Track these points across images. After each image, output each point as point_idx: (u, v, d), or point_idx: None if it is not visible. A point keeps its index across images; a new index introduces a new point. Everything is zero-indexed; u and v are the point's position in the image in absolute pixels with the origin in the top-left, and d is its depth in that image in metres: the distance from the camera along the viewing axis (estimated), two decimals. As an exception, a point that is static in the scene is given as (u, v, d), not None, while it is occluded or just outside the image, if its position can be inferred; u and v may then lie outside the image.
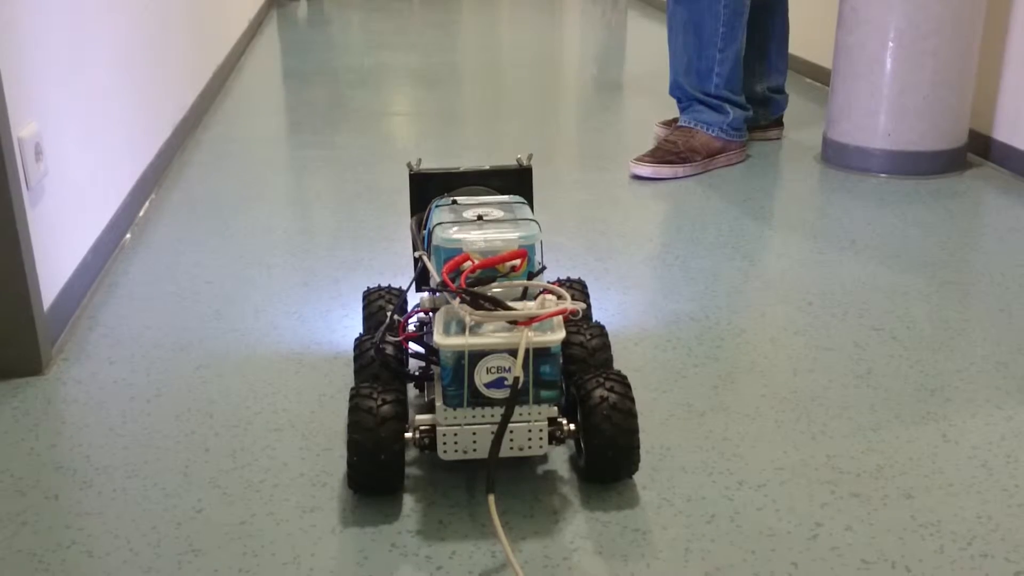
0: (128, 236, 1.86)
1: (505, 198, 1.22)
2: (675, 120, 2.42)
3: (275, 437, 1.18)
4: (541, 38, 4.21)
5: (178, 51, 2.53)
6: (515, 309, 1.01)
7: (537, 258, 1.10)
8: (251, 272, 1.70)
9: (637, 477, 1.09)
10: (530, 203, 1.24)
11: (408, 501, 1.05)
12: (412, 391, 1.26)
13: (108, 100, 1.82)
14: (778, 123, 2.51)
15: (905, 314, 1.50)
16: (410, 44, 4.06)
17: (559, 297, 1.03)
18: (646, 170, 2.21)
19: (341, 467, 1.12)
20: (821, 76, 3.05)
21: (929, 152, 2.13)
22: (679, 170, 2.22)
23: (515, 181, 1.27)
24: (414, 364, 1.22)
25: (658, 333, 1.46)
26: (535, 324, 1.00)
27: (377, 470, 1.03)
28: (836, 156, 2.24)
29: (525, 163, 1.27)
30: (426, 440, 1.06)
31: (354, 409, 1.03)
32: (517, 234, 1.09)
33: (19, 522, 1.02)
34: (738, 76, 2.26)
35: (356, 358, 1.16)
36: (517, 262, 1.07)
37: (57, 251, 1.48)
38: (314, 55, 3.82)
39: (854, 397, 1.26)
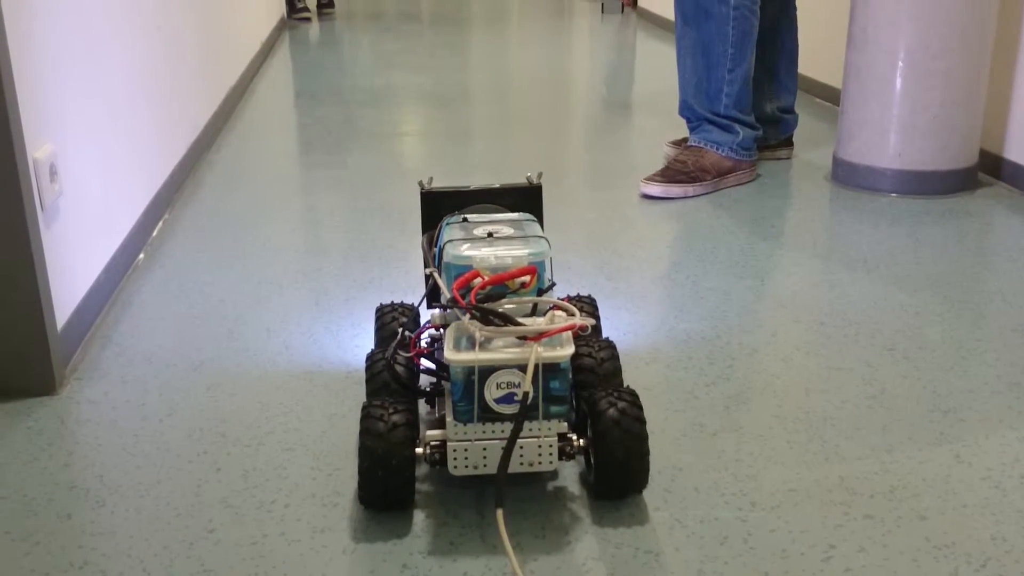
0: (141, 256, 1.87)
1: (515, 216, 1.23)
2: (685, 140, 2.43)
3: (287, 457, 1.18)
4: (550, 58, 4.23)
5: (191, 72, 2.55)
6: (525, 325, 1.01)
7: (547, 275, 1.11)
8: (263, 291, 1.71)
9: (649, 498, 1.09)
10: (540, 221, 1.25)
11: (418, 519, 1.05)
12: (423, 409, 1.27)
13: (122, 121, 1.84)
14: (788, 143, 2.51)
15: (917, 334, 1.50)
16: (420, 64, 4.08)
17: (568, 313, 1.03)
18: (656, 189, 2.22)
19: (352, 487, 1.12)
20: (831, 96, 3.06)
21: (940, 172, 2.13)
22: (689, 189, 2.22)
23: (525, 199, 1.29)
24: (425, 380, 1.22)
25: (669, 352, 1.46)
26: (544, 340, 1.00)
27: (387, 481, 1.03)
28: (846, 176, 2.24)
29: (535, 181, 1.28)
30: (436, 456, 1.06)
31: (365, 418, 1.04)
32: (527, 251, 1.09)
33: (32, 542, 1.03)
34: (747, 96, 2.26)
35: (368, 373, 1.16)
36: (527, 278, 1.06)
37: (71, 271, 1.49)
38: (325, 75, 3.84)
39: (867, 418, 1.25)
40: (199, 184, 2.35)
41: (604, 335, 1.47)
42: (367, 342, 1.50)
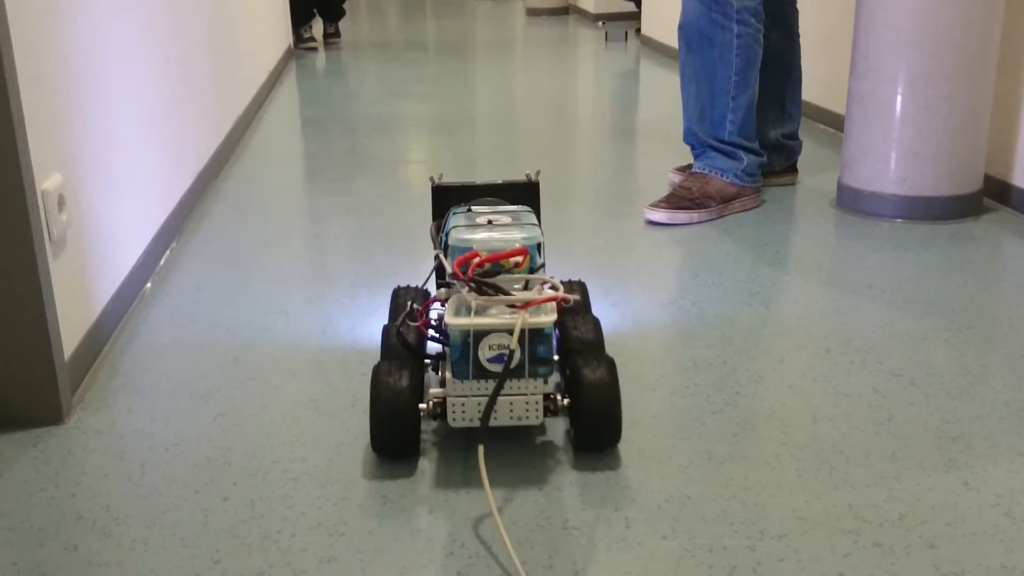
0: (149, 285, 1.88)
1: (514, 207, 1.39)
2: (689, 166, 2.44)
3: (293, 486, 1.18)
4: (555, 85, 4.26)
5: (200, 102, 2.57)
6: (514, 296, 1.18)
7: (538, 257, 1.27)
8: (269, 320, 1.71)
9: (659, 526, 1.08)
10: (537, 212, 1.41)
11: (423, 541, 1.05)
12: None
13: (130, 151, 1.85)
14: (792, 169, 2.52)
15: (924, 360, 1.50)
16: (426, 93, 4.11)
17: (553, 288, 1.20)
18: (661, 216, 2.22)
19: (359, 517, 1.12)
20: (835, 122, 3.07)
21: (944, 197, 2.13)
22: (694, 216, 2.23)
23: (524, 193, 1.47)
24: (431, 350, 1.37)
25: (676, 379, 1.45)
26: (531, 308, 1.17)
27: (395, 431, 1.19)
28: (851, 201, 2.24)
29: (533, 178, 1.47)
30: (438, 410, 1.22)
31: (376, 377, 1.20)
32: (521, 235, 1.27)
33: (39, 573, 1.02)
34: (751, 123, 2.27)
35: (382, 340, 1.34)
36: (520, 258, 1.23)
37: (79, 301, 1.49)
38: (332, 104, 3.87)
39: (875, 444, 1.25)
40: (206, 212, 2.37)
41: (611, 362, 1.48)
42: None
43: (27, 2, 1.35)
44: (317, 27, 5.74)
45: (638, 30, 5.73)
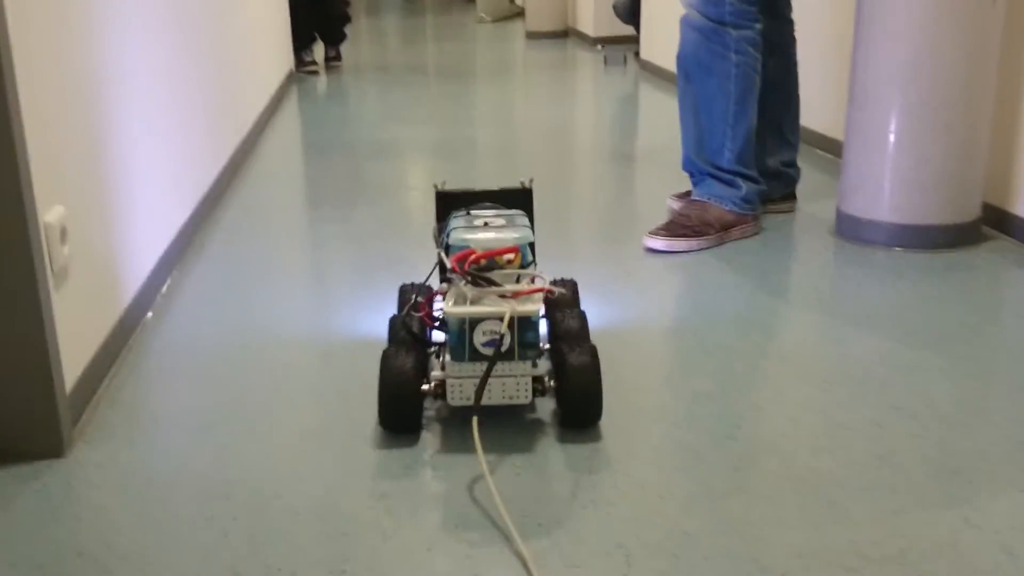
0: (150, 315, 1.88)
1: (509, 211, 1.56)
2: (688, 193, 2.45)
3: (293, 521, 1.18)
4: (555, 110, 4.28)
5: (202, 129, 2.58)
6: (505, 287, 1.35)
7: (529, 256, 1.44)
8: (270, 350, 1.72)
9: (660, 565, 1.08)
10: (531, 216, 1.60)
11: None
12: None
13: (132, 181, 1.86)
14: (791, 196, 2.53)
15: (924, 392, 1.50)
16: (426, 117, 4.13)
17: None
18: (660, 244, 2.23)
19: (360, 553, 1.12)
20: (833, 148, 3.09)
21: (943, 226, 2.14)
22: (693, 243, 2.24)
23: (519, 199, 1.63)
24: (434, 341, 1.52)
25: (676, 411, 1.46)
26: (520, 298, 1.33)
27: (400, 408, 1.35)
28: (850, 229, 2.25)
29: (527, 185, 1.64)
30: (439, 390, 1.37)
31: (384, 360, 1.36)
32: (513, 235, 1.43)
33: (38, 611, 1.02)
34: (750, 151, 2.29)
35: (389, 329, 1.51)
36: (512, 256, 1.40)
37: (80, 332, 1.50)
38: (332, 128, 3.89)
39: (875, 479, 1.25)
40: (207, 239, 2.37)
41: (612, 392, 1.49)
42: (374, 403, 1.50)
43: (31, 33, 1.37)
44: (318, 50, 5.77)
45: (637, 53, 5.76)
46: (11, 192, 1.26)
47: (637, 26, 5.71)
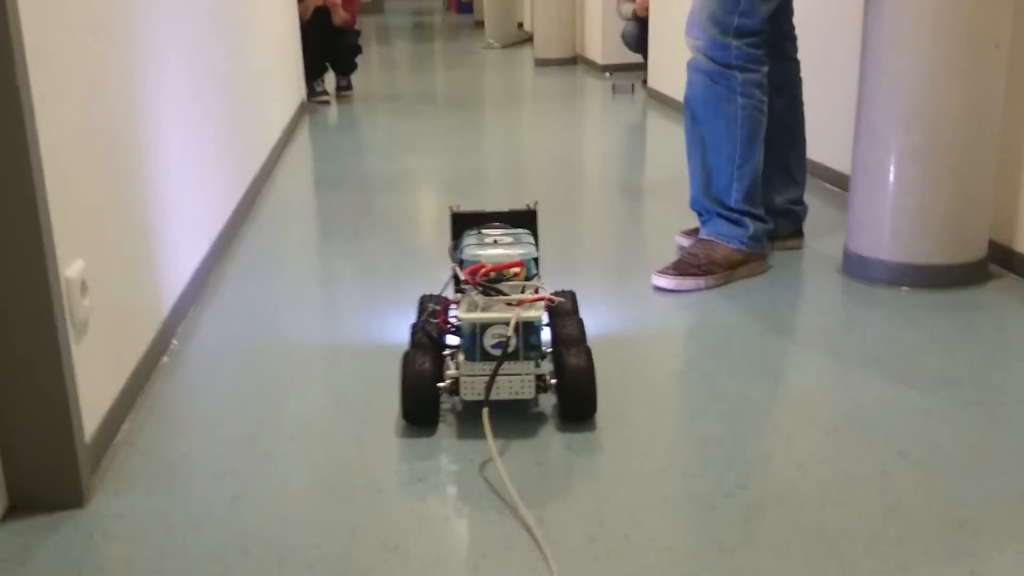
0: (165, 359, 1.91)
1: (515, 230, 1.79)
2: (696, 230, 2.47)
3: (308, 574, 1.20)
4: (563, 140, 4.31)
5: (219, 170, 2.62)
6: (511, 296, 1.56)
7: (533, 269, 1.67)
8: (285, 392, 1.74)
9: (668, 619, 1.10)
10: (535, 234, 1.81)
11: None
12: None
13: (150, 227, 1.90)
14: (798, 233, 2.55)
15: (930, 438, 1.51)
16: (436, 148, 4.17)
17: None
18: (669, 282, 2.25)
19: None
20: (842, 182, 3.11)
21: (950, 265, 2.16)
22: (701, 282, 2.26)
23: (525, 219, 1.84)
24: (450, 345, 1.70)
25: (686, 458, 1.47)
26: (524, 306, 1.54)
27: (419, 403, 1.55)
28: (857, 268, 2.27)
29: (532, 207, 1.84)
30: (454, 387, 1.56)
31: (405, 360, 1.56)
32: (519, 251, 1.67)
33: (61, 668, 1.04)
34: (757, 190, 2.31)
35: (410, 335, 1.68)
36: (517, 269, 1.63)
37: (99, 381, 1.52)
38: (344, 160, 3.93)
39: (882, 531, 1.26)
40: (221, 277, 2.40)
41: (619, 444, 1.53)
42: (390, 446, 1.53)
43: (52, 85, 1.40)
44: (329, 80, 5.83)
45: (644, 81, 5.80)
46: (33, 248, 1.30)
47: (645, 54, 5.75)
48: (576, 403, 1.57)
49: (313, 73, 5.60)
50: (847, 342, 1.91)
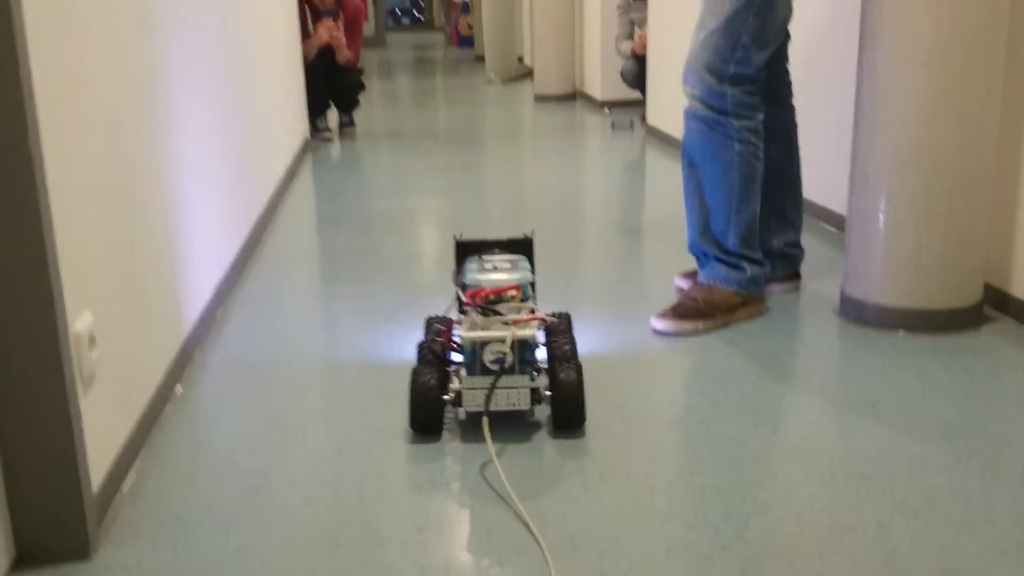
0: (168, 406, 1.93)
1: (513, 256, 1.99)
2: (694, 272, 2.50)
3: (313, 628, 1.22)
4: (563, 177, 4.36)
5: (222, 215, 2.65)
6: (508, 317, 1.75)
7: (529, 293, 1.85)
8: (287, 440, 1.76)
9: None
10: (531, 260, 2.00)
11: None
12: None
13: (155, 274, 1.92)
14: (795, 275, 2.58)
15: (927, 487, 1.53)
16: (438, 186, 4.21)
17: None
18: (667, 326, 2.28)
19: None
20: (837, 222, 3.14)
21: (945, 310, 2.18)
22: (700, 325, 2.28)
23: (522, 246, 2.04)
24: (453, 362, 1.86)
25: (685, 509, 1.49)
26: (520, 325, 1.72)
27: (426, 414, 1.72)
28: (854, 311, 2.29)
29: (529, 236, 2.04)
30: (456, 398, 1.72)
31: (413, 375, 1.73)
32: (516, 276, 1.87)
33: None
34: (754, 235, 2.34)
35: (417, 353, 1.83)
36: (514, 292, 1.82)
37: (106, 431, 1.54)
38: (347, 199, 3.97)
39: (879, 583, 1.28)
40: (225, 322, 2.43)
41: (623, 492, 1.55)
42: (391, 497, 1.54)
43: (60, 137, 1.43)
44: (332, 117, 5.89)
45: (643, 118, 5.86)
46: (43, 303, 1.32)
47: (643, 91, 5.82)
48: (567, 414, 1.73)
49: (316, 110, 5.66)
50: (844, 388, 1.93)
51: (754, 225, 2.34)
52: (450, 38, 15.52)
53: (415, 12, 26.93)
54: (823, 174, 3.16)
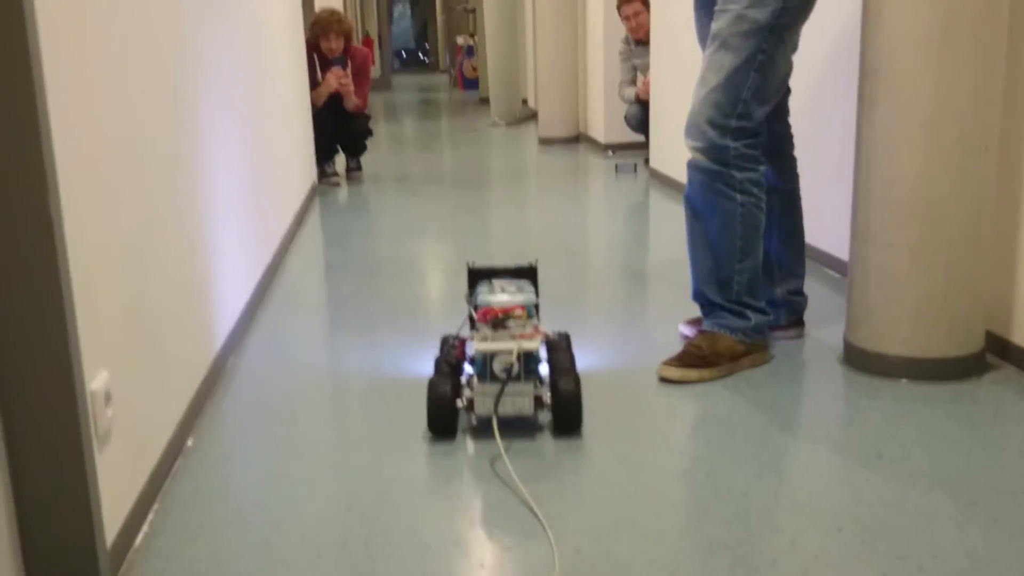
0: (180, 460, 1.95)
1: (519, 281, 2.25)
2: (699, 319, 2.53)
3: None
4: (567, 221, 4.40)
5: (233, 267, 2.69)
6: (514, 332, 2.01)
7: (533, 313, 2.10)
8: (297, 492, 1.78)
9: None
10: (535, 284, 2.26)
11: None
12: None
13: (169, 329, 1.95)
14: (799, 322, 2.61)
15: (931, 541, 1.54)
16: (444, 231, 4.25)
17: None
18: (674, 374, 2.30)
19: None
20: (838, 266, 3.17)
21: (947, 359, 2.20)
22: (705, 374, 2.31)
23: (527, 273, 2.30)
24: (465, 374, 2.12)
25: (692, 563, 1.50)
26: (524, 339, 1.99)
27: (441, 418, 1.98)
28: (857, 360, 2.32)
29: (533, 264, 2.30)
30: (469, 404, 1.99)
31: (430, 384, 1.99)
32: (522, 298, 2.13)
33: None
34: (758, 284, 2.37)
35: (434, 366, 2.09)
36: (520, 311, 2.08)
37: (120, 487, 1.57)
38: (353, 245, 4.01)
39: (885, 639, 1.29)
40: (235, 372, 2.46)
41: (629, 541, 1.56)
42: (400, 552, 1.56)
43: (78, 198, 1.47)
44: (340, 161, 5.96)
45: (647, 161, 5.92)
46: (61, 364, 1.35)
47: (647, 135, 5.88)
48: (566, 418, 1.99)
49: (325, 156, 5.73)
50: (848, 438, 1.95)
51: (757, 274, 2.37)
52: (455, 80, 15.71)
53: (420, 54, 27.24)
54: (825, 220, 3.20)
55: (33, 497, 1.38)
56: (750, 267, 2.35)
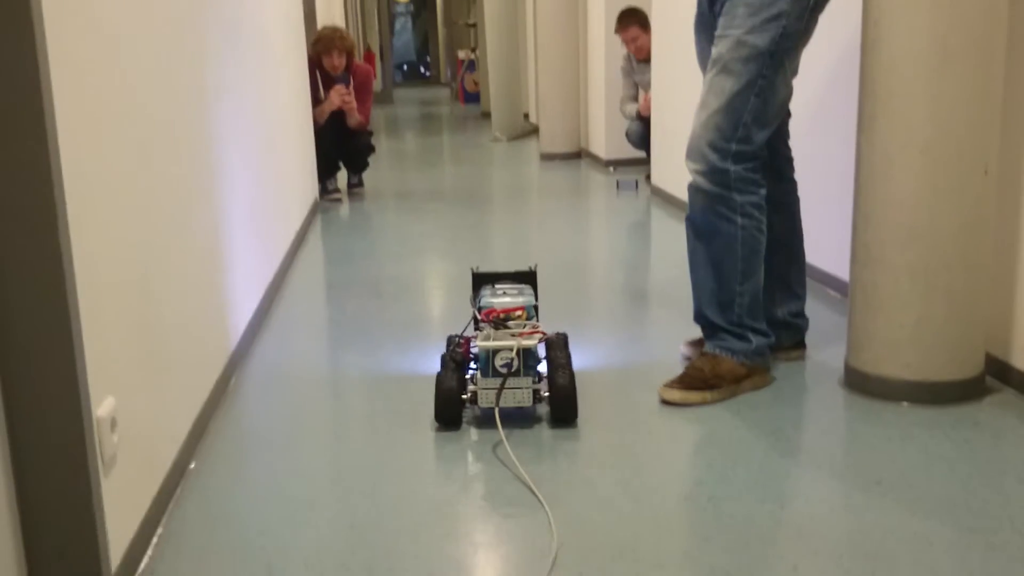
0: (183, 482, 1.96)
1: (520, 285, 2.46)
2: (700, 340, 2.54)
3: None
4: (568, 239, 4.41)
5: (237, 288, 2.70)
6: (514, 330, 2.20)
7: (532, 314, 2.33)
8: (298, 517, 1.79)
9: None
10: (535, 288, 2.49)
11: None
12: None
13: (172, 355, 1.97)
14: (800, 344, 2.62)
15: (931, 568, 1.55)
16: (445, 249, 4.27)
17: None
18: (676, 396, 2.31)
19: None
20: (839, 287, 3.18)
21: (948, 382, 2.21)
22: (707, 396, 2.31)
23: (527, 277, 2.52)
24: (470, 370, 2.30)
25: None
26: (524, 336, 2.17)
27: (447, 411, 2.15)
28: (858, 383, 2.32)
29: (533, 269, 2.53)
30: (473, 397, 2.16)
31: (438, 379, 2.17)
32: (522, 300, 2.34)
33: None
34: (759, 306, 2.38)
35: (441, 363, 2.27)
36: (520, 312, 2.30)
37: (124, 512, 1.57)
38: (355, 264, 4.02)
39: (886, 669, 1.30)
40: (237, 392, 2.47)
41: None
42: (402, 568, 1.57)
43: (87, 232, 1.49)
44: (341, 177, 5.98)
45: (648, 177, 5.94)
46: (68, 392, 1.36)
47: (648, 151, 5.90)
48: (562, 411, 2.17)
49: (326, 172, 5.75)
50: (849, 463, 1.96)
51: (759, 296, 2.38)
52: (456, 94, 15.76)
53: (421, 68, 27.35)
54: (826, 241, 3.21)
55: (40, 523, 1.39)
56: (751, 289, 2.36)
